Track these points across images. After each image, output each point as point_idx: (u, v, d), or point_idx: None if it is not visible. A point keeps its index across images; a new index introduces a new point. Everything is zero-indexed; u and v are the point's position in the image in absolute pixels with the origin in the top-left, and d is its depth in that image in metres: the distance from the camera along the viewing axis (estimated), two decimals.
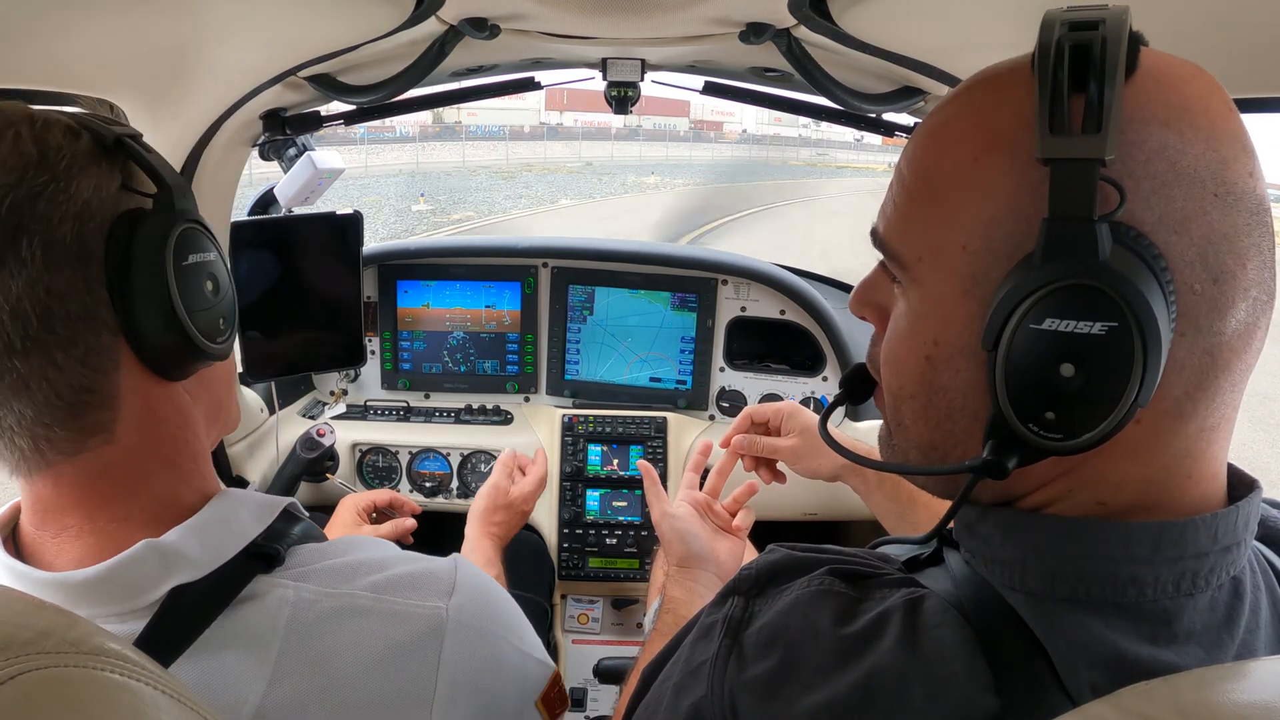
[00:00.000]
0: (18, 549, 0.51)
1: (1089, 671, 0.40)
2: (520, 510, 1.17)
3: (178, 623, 0.48)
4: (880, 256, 0.49)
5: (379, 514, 1.22)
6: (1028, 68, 0.41)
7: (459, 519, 1.49)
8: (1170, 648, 0.40)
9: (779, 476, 1.00)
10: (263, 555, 0.52)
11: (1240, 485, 0.45)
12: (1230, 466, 0.45)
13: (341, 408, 1.61)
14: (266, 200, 1.37)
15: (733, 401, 1.62)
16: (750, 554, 1.39)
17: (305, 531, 0.57)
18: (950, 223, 0.43)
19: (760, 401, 1.61)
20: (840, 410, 1.58)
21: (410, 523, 1.19)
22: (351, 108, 1.21)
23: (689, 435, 1.57)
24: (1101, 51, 0.37)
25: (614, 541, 1.50)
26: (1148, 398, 0.38)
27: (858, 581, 0.48)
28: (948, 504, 0.49)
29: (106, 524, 0.50)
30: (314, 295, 1.32)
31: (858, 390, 0.61)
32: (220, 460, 1.33)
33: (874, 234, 0.49)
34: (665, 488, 1.54)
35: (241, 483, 1.47)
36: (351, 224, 1.29)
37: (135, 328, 0.49)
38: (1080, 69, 0.37)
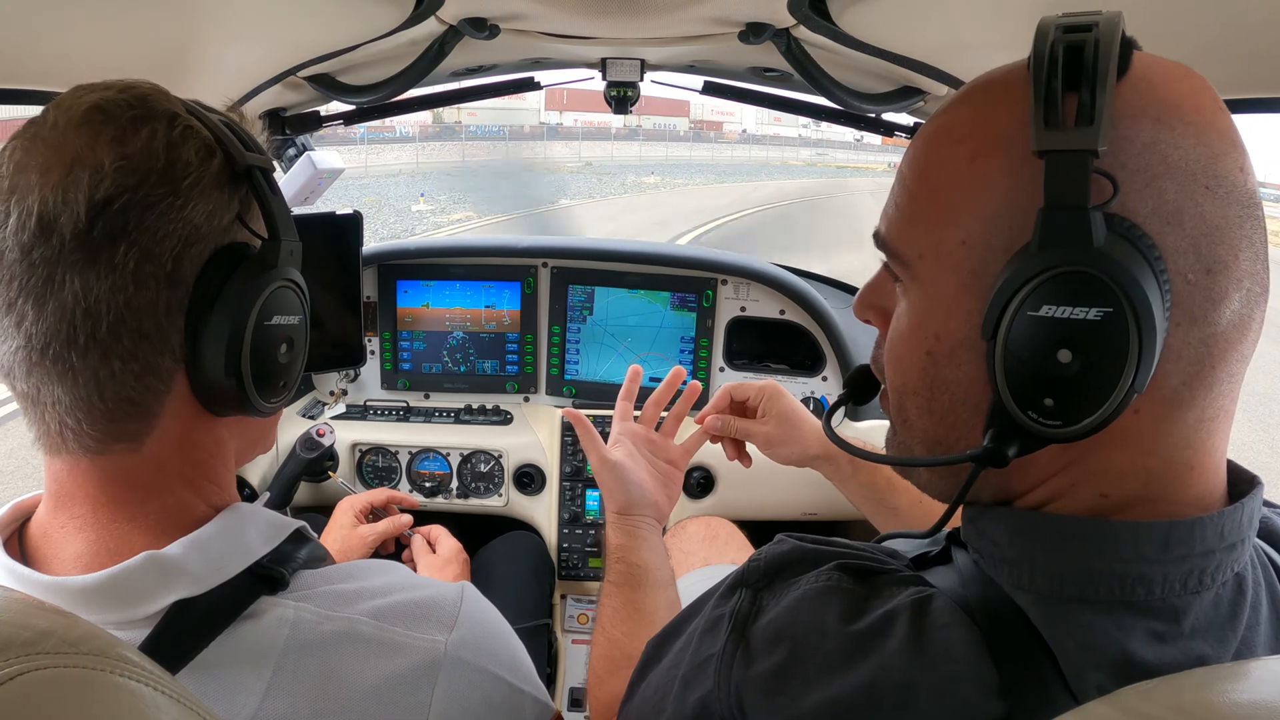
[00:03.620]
0: (21, 545, 0.51)
1: (1096, 674, 0.40)
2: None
3: (179, 637, 0.47)
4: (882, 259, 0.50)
5: (374, 514, 1.22)
6: (1024, 71, 0.42)
7: (464, 518, 1.50)
8: (1177, 645, 0.40)
9: (745, 458, 0.96)
10: (267, 578, 0.51)
11: (1241, 481, 0.45)
12: (1230, 463, 0.45)
13: (341, 408, 1.61)
14: None
15: None
16: (731, 536, 1.40)
17: (312, 553, 0.57)
18: (949, 219, 0.44)
19: None
20: (840, 410, 1.58)
21: (406, 519, 1.19)
22: (351, 108, 1.21)
23: (689, 435, 1.57)
24: (1094, 52, 0.38)
25: None
26: (1143, 384, 0.38)
27: (866, 578, 0.48)
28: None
29: (109, 524, 0.50)
30: (314, 295, 1.31)
31: (861, 391, 0.61)
32: None
33: (876, 236, 0.49)
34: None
35: (240, 483, 1.47)
36: (351, 224, 1.29)
37: (199, 364, 0.49)
38: (1074, 68, 0.38)
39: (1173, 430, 0.41)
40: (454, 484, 1.59)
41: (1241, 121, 0.42)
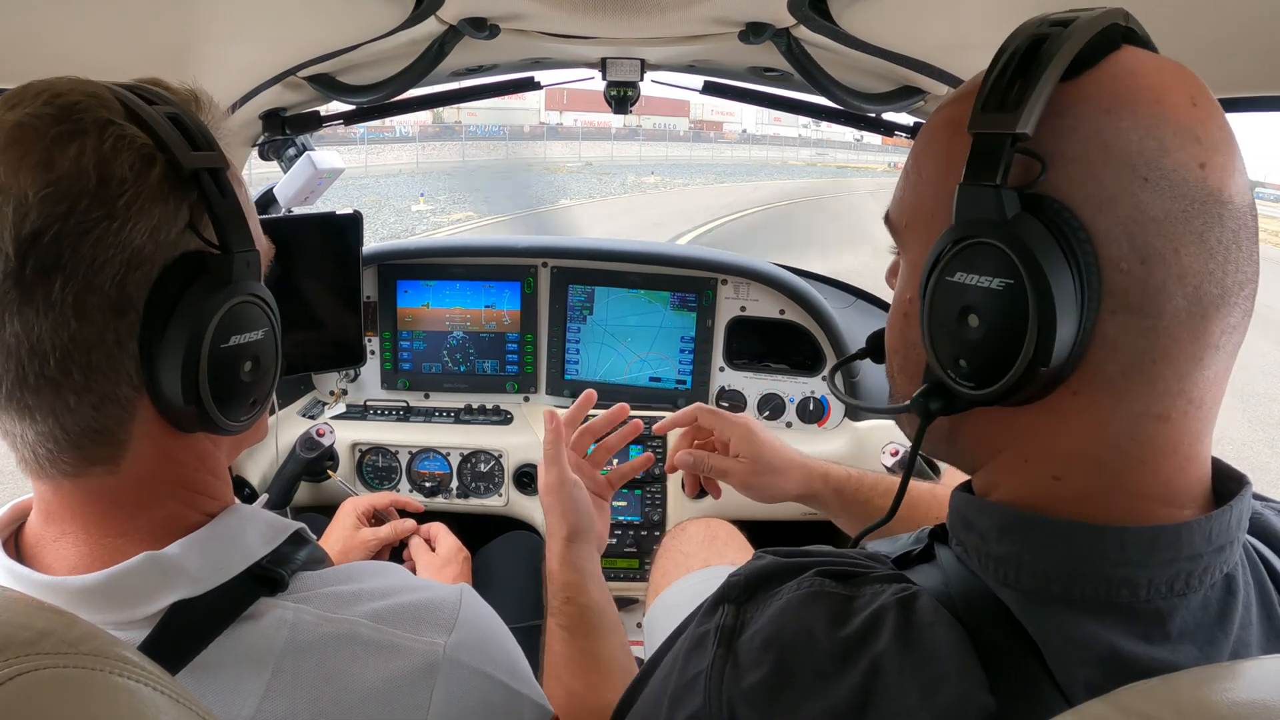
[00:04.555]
0: (18, 549, 0.51)
1: (1083, 669, 0.40)
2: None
3: (177, 638, 0.47)
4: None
5: (377, 517, 1.22)
6: None
7: (464, 518, 1.49)
8: (1165, 646, 0.40)
9: (715, 489, 0.93)
10: (266, 579, 0.51)
11: (1229, 481, 0.45)
12: (1216, 461, 0.45)
13: (341, 408, 1.61)
14: (266, 200, 1.37)
15: (732, 401, 1.62)
16: (731, 538, 1.39)
17: (311, 555, 0.56)
18: (925, 194, 0.48)
19: (760, 401, 1.61)
20: (841, 410, 1.58)
21: (409, 524, 1.19)
22: (351, 108, 1.21)
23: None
24: (1053, 46, 0.40)
25: (613, 541, 1.50)
26: (1048, 358, 0.39)
27: (848, 580, 0.48)
28: (926, 516, 0.50)
29: (103, 538, 0.49)
30: (314, 295, 1.32)
31: (877, 352, 0.62)
32: None
33: (886, 213, 0.53)
34: (664, 490, 1.55)
35: (240, 483, 1.47)
36: (351, 224, 1.29)
37: (157, 390, 0.47)
38: (1030, 58, 0.40)
39: (1113, 420, 0.41)
40: (454, 484, 1.59)
41: (1245, 120, 0.41)
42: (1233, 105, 0.73)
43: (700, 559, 1.33)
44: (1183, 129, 0.39)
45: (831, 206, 19.42)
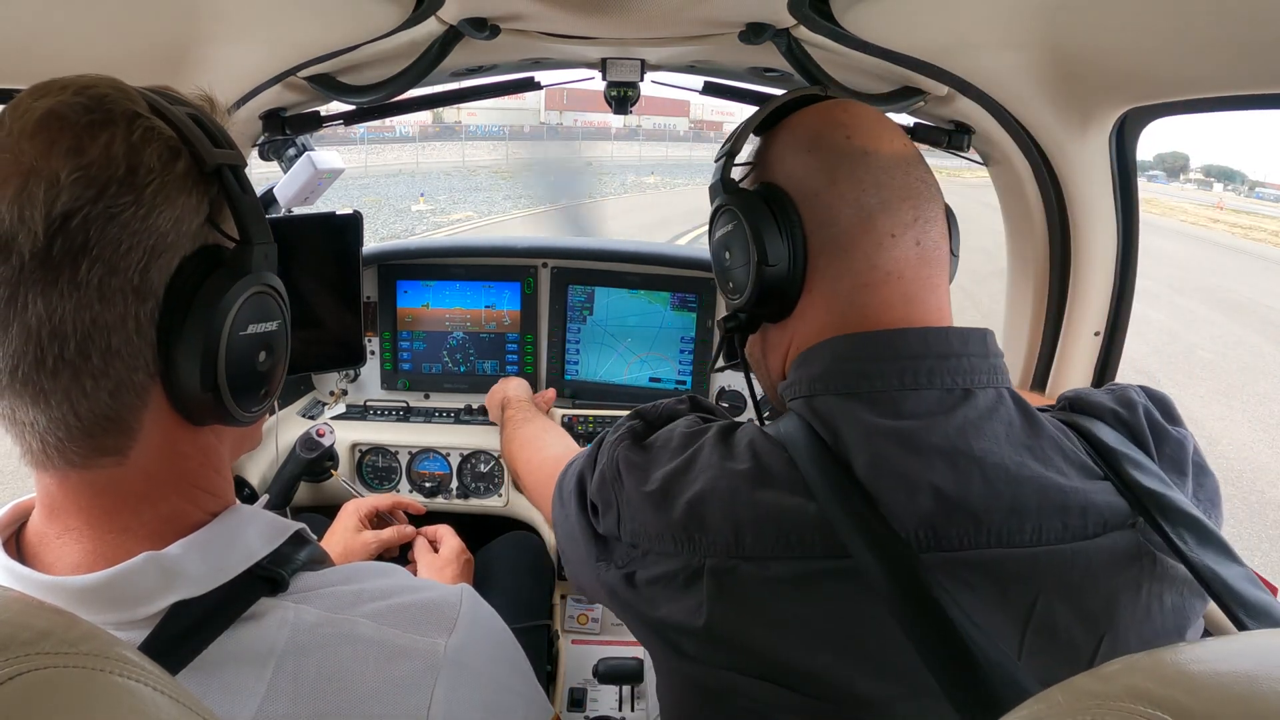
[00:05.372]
0: (19, 548, 0.51)
1: (841, 439, 0.58)
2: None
3: (178, 638, 0.47)
4: None
5: (380, 519, 1.22)
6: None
7: (464, 518, 1.50)
8: (898, 420, 0.58)
9: None
10: (267, 579, 0.51)
11: None
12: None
13: (341, 408, 1.61)
14: (265, 200, 1.37)
15: (733, 401, 1.62)
16: None
17: (312, 555, 0.56)
18: None
19: (760, 402, 1.61)
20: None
21: (410, 529, 1.19)
22: (351, 108, 1.21)
23: None
24: (760, 110, 0.70)
25: None
26: (766, 256, 0.64)
27: (711, 421, 0.70)
28: None
29: (106, 534, 0.49)
30: (313, 296, 1.32)
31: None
32: None
33: None
34: None
35: (240, 483, 1.46)
36: (351, 224, 1.29)
37: (174, 378, 0.47)
38: (750, 121, 0.71)
39: (837, 294, 0.64)
40: (454, 484, 1.59)
41: (1245, 122, 0.43)
42: (1225, 105, 0.74)
43: None
44: (833, 121, 0.66)
45: None
